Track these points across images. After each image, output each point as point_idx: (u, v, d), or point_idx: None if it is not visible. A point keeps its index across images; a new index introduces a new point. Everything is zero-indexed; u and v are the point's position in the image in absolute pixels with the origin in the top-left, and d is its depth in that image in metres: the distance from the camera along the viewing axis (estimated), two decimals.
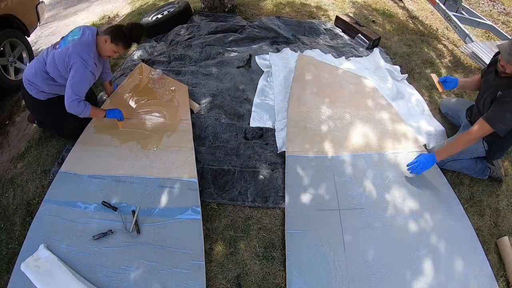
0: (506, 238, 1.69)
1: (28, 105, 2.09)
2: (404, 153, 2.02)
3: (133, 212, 1.70)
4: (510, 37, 2.82)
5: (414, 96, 2.50)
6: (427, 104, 2.44)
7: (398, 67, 2.77)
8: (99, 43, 1.86)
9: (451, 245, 1.63)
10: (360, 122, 2.19)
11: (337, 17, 3.25)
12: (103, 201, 1.73)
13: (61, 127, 2.12)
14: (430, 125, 2.22)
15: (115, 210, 1.70)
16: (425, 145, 2.08)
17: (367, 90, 2.46)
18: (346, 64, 2.71)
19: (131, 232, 1.63)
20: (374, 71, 2.67)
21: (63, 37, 1.92)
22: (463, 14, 3.16)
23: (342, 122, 2.19)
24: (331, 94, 2.39)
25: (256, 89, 2.49)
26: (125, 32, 1.84)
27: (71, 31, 1.91)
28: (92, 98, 2.37)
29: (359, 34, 3.04)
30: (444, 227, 1.69)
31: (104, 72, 2.24)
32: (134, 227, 1.64)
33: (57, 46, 1.86)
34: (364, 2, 3.87)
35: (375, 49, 2.93)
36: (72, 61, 1.77)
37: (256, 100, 2.39)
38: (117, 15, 3.97)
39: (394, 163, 1.96)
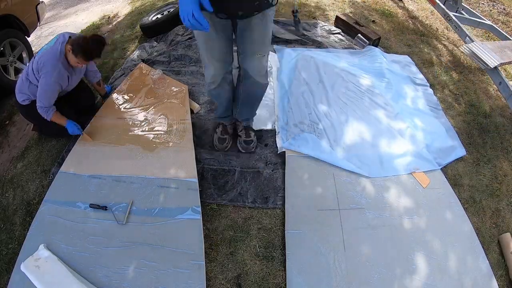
0: (508, 234, 1.70)
1: (20, 111, 2.15)
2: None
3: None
4: (510, 37, 2.82)
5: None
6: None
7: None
8: (67, 52, 1.83)
9: (450, 245, 1.63)
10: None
11: (337, 17, 3.25)
12: (91, 204, 1.73)
13: (50, 126, 2.12)
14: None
15: (105, 210, 1.71)
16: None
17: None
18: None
19: (118, 222, 1.65)
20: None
21: (44, 46, 1.98)
22: (463, 14, 3.16)
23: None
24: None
25: None
26: (83, 47, 1.77)
27: (53, 38, 1.96)
28: (90, 99, 2.37)
29: (359, 34, 3.04)
30: (444, 227, 1.69)
31: (91, 75, 2.24)
32: (126, 218, 1.67)
33: (37, 54, 1.94)
34: (364, 2, 3.87)
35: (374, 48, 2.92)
36: (41, 69, 1.82)
37: None
38: (117, 15, 3.97)
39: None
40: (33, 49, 3.07)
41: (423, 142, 2.09)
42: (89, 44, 1.78)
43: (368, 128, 2.16)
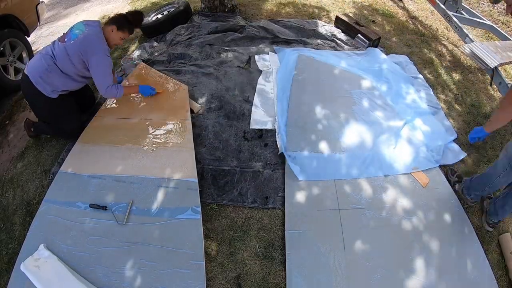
0: (508, 234, 1.70)
1: (32, 102, 1.99)
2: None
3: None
4: (510, 37, 2.82)
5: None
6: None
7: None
8: (106, 34, 1.94)
9: (451, 245, 1.63)
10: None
11: (337, 17, 3.25)
12: (91, 204, 1.73)
13: (62, 126, 2.10)
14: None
15: (105, 210, 1.71)
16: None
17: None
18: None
19: (118, 222, 1.66)
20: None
21: (66, 33, 1.90)
22: (463, 14, 3.16)
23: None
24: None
25: (256, 89, 2.49)
26: (128, 19, 1.98)
27: (74, 26, 1.92)
28: (90, 99, 2.37)
29: (359, 34, 3.04)
30: (444, 227, 1.69)
31: None
32: (126, 218, 1.67)
33: (65, 39, 1.86)
34: (364, 2, 3.87)
35: (374, 48, 2.92)
36: (90, 52, 1.82)
37: (256, 100, 2.39)
38: None
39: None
40: (33, 49, 3.07)
41: (422, 142, 2.09)
42: (133, 17, 2.00)
43: (367, 129, 2.16)
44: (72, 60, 1.84)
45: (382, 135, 2.12)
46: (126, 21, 1.97)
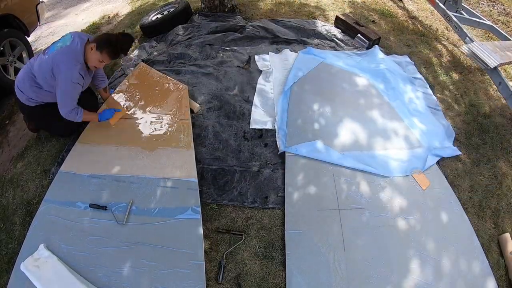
0: (507, 234, 1.70)
1: (21, 110, 2.09)
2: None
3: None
4: (510, 37, 2.82)
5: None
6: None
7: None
8: (87, 52, 1.80)
9: (450, 245, 1.63)
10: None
11: (337, 17, 3.25)
12: (91, 204, 1.73)
13: (54, 128, 2.14)
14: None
15: (105, 209, 1.71)
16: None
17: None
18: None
19: (118, 222, 1.66)
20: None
21: (54, 42, 1.87)
22: (463, 14, 3.16)
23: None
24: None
25: (255, 89, 2.49)
26: (111, 41, 1.76)
27: (63, 36, 1.87)
28: (92, 100, 2.35)
29: (358, 34, 3.04)
30: (444, 227, 1.69)
31: (98, 79, 2.20)
32: (126, 218, 1.68)
33: (46, 51, 1.82)
34: (364, 2, 3.87)
35: (375, 46, 2.92)
36: (57, 70, 1.73)
37: (256, 100, 2.39)
38: (117, 14, 3.97)
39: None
40: (33, 49, 3.07)
41: (421, 143, 2.09)
42: (119, 39, 1.78)
43: (366, 129, 2.16)
44: (44, 73, 1.78)
45: (381, 135, 2.12)
46: (108, 42, 1.74)
